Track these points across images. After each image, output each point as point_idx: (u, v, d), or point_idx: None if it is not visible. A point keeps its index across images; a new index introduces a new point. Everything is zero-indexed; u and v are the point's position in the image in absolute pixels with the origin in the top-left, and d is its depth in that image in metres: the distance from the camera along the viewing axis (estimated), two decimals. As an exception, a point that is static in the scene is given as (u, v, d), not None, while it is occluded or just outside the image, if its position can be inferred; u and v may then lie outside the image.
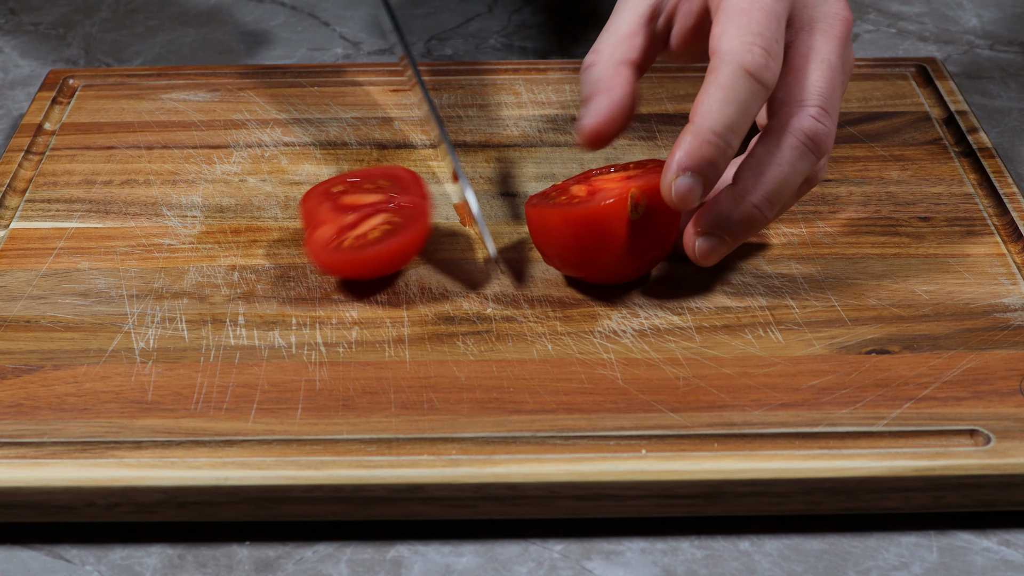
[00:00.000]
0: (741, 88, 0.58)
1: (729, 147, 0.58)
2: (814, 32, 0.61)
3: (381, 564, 0.54)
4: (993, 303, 0.63)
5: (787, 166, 0.60)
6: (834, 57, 0.61)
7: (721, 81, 0.58)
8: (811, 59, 0.61)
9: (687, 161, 0.58)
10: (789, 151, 0.59)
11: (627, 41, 0.64)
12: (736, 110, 0.58)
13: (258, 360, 0.60)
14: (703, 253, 0.61)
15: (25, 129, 0.76)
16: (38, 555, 0.54)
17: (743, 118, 0.58)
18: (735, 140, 0.58)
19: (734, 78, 0.58)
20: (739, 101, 0.58)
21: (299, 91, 0.80)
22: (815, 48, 0.61)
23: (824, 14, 0.62)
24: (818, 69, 0.60)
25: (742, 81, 0.58)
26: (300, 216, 0.68)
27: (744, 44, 0.58)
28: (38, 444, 0.55)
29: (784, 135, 0.60)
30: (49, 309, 0.63)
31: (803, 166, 0.60)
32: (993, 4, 0.97)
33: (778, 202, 0.60)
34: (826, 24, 0.62)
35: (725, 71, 0.58)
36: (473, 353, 0.60)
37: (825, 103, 0.60)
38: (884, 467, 0.54)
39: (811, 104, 0.60)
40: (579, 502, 0.54)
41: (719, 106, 0.58)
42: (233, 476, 0.53)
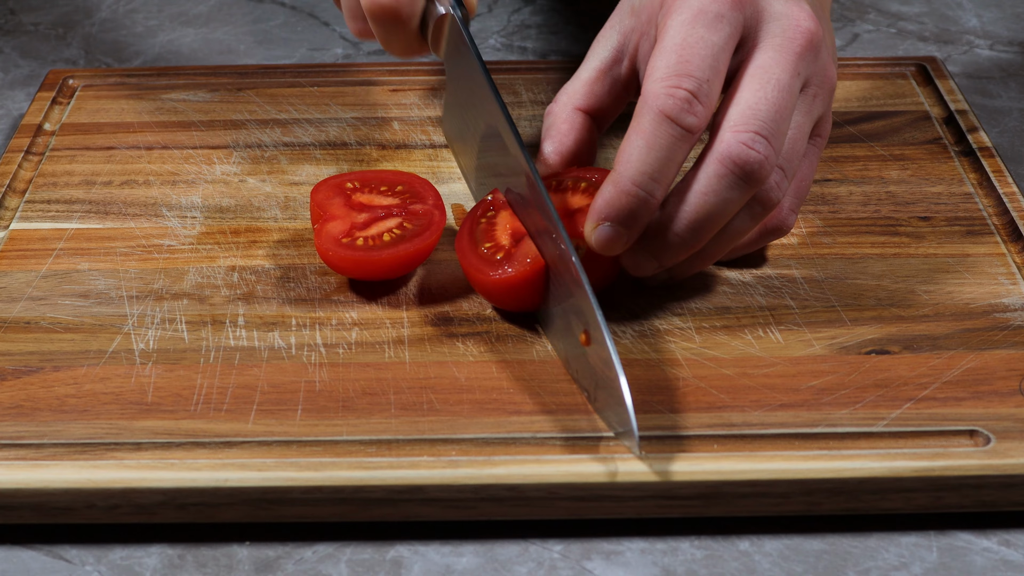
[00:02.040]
0: (662, 135, 0.56)
1: (651, 196, 0.56)
2: (764, 48, 0.58)
3: (381, 564, 0.54)
4: (993, 303, 0.63)
5: (712, 195, 0.57)
6: (784, 75, 0.57)
7: (641, 127, 0.56)
8: (752, 79, 0.58)
9: (606, 211, 0.57)
10: (715, 179, 0.57)
11: (584, 88, 0.64)
12: (657, 158, 0.56)
13: (258, 361, 0.60)
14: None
15: (25, 129, 0.76)
16: (38, 555, 0.54)
17: (665, 166, 0.56)
18: (658, 188, 0.56)
19: (654, 124, 0.56)
20: (660, 148, 0.56)
21: (299, 91, 0.80)
22: (761, 66, 0.58)
23: (780, 28, 0.59)
24: (758, 89, 0.57)
25: (663, 127, 0.56)
26: (310, 206, 0.68)
27: (666, 87, 0.56)
28: (38, 446, 0.55)
29: (709, 162, 0.57)
30: (49, 310, 0.63)
31: (732, 195, 0.57)
32: (993, 4, 0.97)
33: (704, 231, 0.58)
34: (780, 39, 0.58)
35: (645, 117, 0.56)
36: (473, 354, 0.60)
37: (761, 126, 0.56)
38: (884, 467, 0.54)
39: (740, 129, 0.56)
40: (579, 503, 0.54)
41: (639, 155, 0.56)
42: (233, 477, 0.54)
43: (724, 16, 0.57)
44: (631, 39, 0.62)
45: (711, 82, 0.57)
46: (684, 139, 0.56)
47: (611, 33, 0.63)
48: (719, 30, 0.57)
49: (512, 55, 0.90)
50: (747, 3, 0.58)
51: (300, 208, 0.70)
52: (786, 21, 0.59)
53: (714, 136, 0.57)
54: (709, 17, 0.57)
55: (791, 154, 0.59)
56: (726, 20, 0.57)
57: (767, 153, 0.56)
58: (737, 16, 0.58)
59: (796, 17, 0.59)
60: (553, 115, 0.64)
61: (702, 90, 0.56)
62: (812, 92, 0.59)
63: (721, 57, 0.57)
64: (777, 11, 0.59)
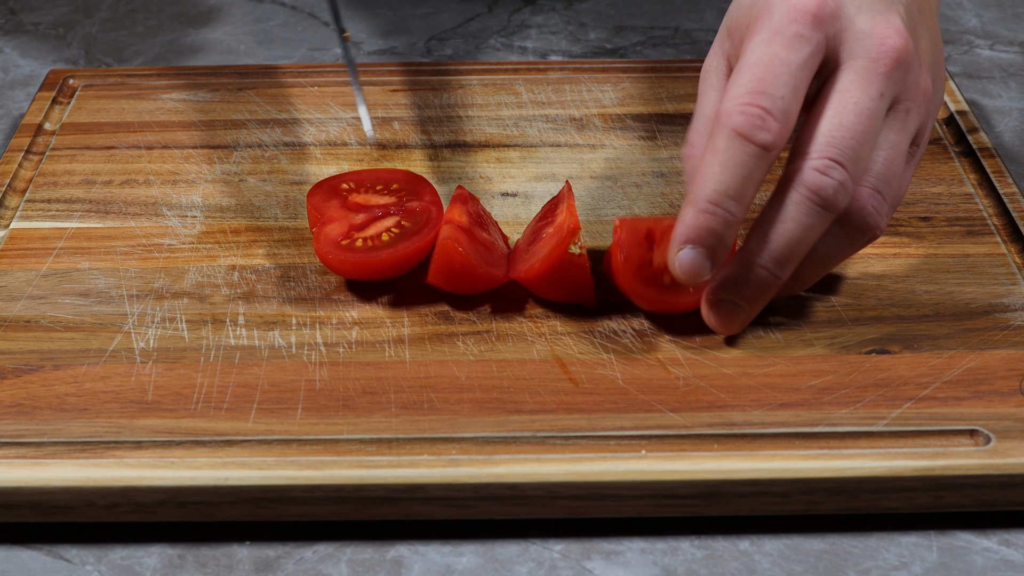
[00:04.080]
0: (735, 152, 0.55)
1: (731, 215, 0.55)
2: (846, 70, 0.57)
3: (381, 564, 0.54)
4: (993, 303, 0.63)
5: (792, 223, 0.56)
6: (864, 98, 0.56)
7: (715, 146, 0.55)
8: (832, 103, 0.56)
9: (687, 233, 0.56)
10: (793, 208, 0.56)
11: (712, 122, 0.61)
12: (732, 176, 0.55)
13: (258, 360, 0.60)
14: (719, 322, 0.59)
15: (25, 129, 0.76)
16: (38, 555, 0.54)
17: (742, 184, 0.55)
18: (737, 207, 0.55)
19: (727, 142, 0.55)
20: (734, 166, 0.55)
21: (299, 91, 0.80)
22: (841, 90, 0.56)
23: (863, 49, 0.57)
24: (835, 115, 0.56)
25: (735, 145, 0.55)
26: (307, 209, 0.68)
27: (738, 105, 0.55)
28: (38, 444, 0.55)
29: (787, 190, 0.56)
30: (49, 309, 0.63)
31: (810, 222, 0.56)
32: (993, 4, 0.97)
33: (789, 262, 0.57)
34: (864, 60, 0.56)
35: (719, 135, 0.55)
36: (473, 353, 0.60)
37: (837, 153, 0.55)
38: (884, 467, 0.54)
39: (816, 156, 0.55)
40: (579, 502, 0.54)
41: (713, 173, 0.55)
42: (233, 476, 0.53)
43: (803, 35, 0.56)
44: (735, 62, 0.60)
45: (787, 99, 0.55)
46: (759, 157, 0.55)
47: (718, 60, 0.62)
48: (798, 49, 0.56)
49: (512, 55, 0.90)
50: (828, 21, 0.56)
51: (300, 207, 0.70)
52: (870, 40, 0.57)
53: (790, 162, 0.56)
54: (787, 36, 0.56)
55: (887, 175, 0.57)
56: (805, 39, 0.56)
57: (842, 179, 0.55)
58: (818, 35, 0.56)
59: (881, 35, 0.57)
60: (695, 158, 0.61)
61: (776, 107, 0.55)
62: (904, 108, 0.57)
63: (799, 76, 0.56)
64: (862, 29, 0.57)
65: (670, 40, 0.91)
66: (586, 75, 0.82)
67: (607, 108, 0.79)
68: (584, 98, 0.80)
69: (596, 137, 0.76)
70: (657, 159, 0.74)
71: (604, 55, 0.91)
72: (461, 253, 0.61)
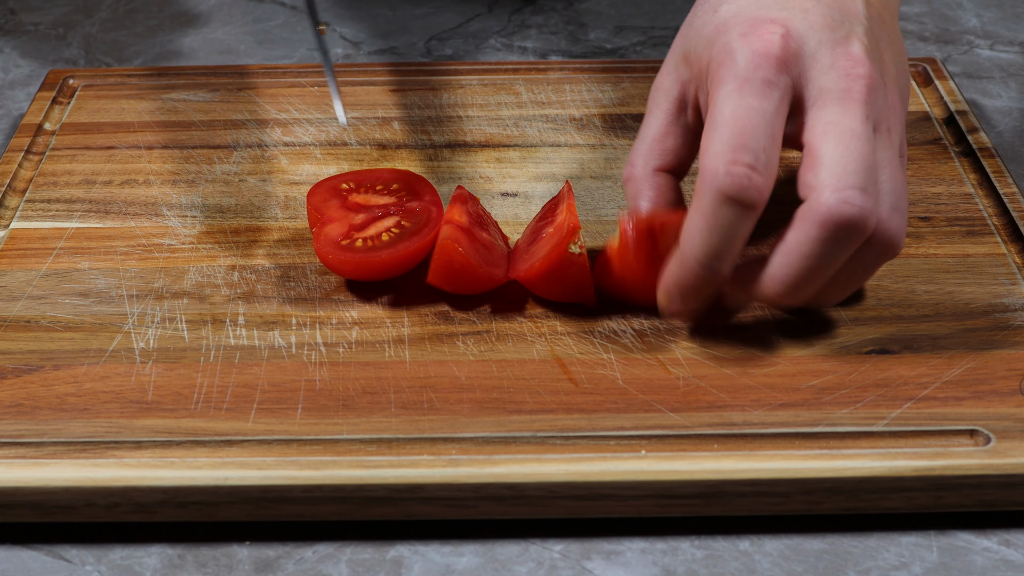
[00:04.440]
0: (722, 215, 0.55)
1: (715, 272, 0.56)
2: (825, 105, 0.56)
3: (381, 564, 0.54)
4: (993, 303, 0.63)
5: (816, 258, 0.55)
6: (856, 124, 0.56)
7: (702, 208, 0.55)
8: (829, 136, 0.56)
9: (673, 288, 0.58)
10: (819, 243, 0.55)
11: (656, 145, 0.62)
12: (719, 237, 0.55)
13: (258, 360, 0.60)
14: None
15: (25, 129, 0.76)
16: (38, 555, 0.54)
17: (728, 244, 0.55)
18: (723, 264, 0.56)
19: (714, 205, 0.55)
20: (721, 228, 0.55)
21: (299, 91, 0.80)
22: (831, 123, 0.56)
23: (833, 82, 0.56)
24: (838, 145, 0.55)
25: (723, 208, 0.55)
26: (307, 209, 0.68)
27: (722, 164, 0.54)
28: (38, 444, 0.55)
29: (810, 225, 0.55)
30: (49, 309, 0.63)
31: (836, 253, 0.56)
32: (993, 4, 0.97)
33: (810, 288, 0.57)
34: (839, 93, 0.56)
35: (705, 197, 0.55)
36: (473, 353, 0.60)
37: (856, 181, 0.55)
38: (884, 467, 0.54)
39: (836, 188, 0.54)
40: (579, 502, 0.54)
41: (701, 235, 0.55)
42: (233, 476, 0.54)
43: (771, 81, 0.56)
44: (689, 88, 0.61)
45: (768, 150, 0.55)
46: (746, 215, 0.55)
47: (669, 82, 0.62)
48: (768, 96, 0.56)
49: (512, 55, 0.90)
50: (792, 62, 0.56)
51: (300, 208, 0.70)
52: (838, 72, 0.57)
53: (810, 197, 0.55)
54: (756, 84, 0.56)
55: (897, 190, 0.57)
56: (774, 84, 0.56)
57: (867, 205, 0.55)
58: (784, 79, 0.56)
59: (846, 66, 0.57)
60: (635, 181, 0.62)
61: (759, 160, 0.55)
62: (885, 127, 0.57)
63: (775, 124, 0.56)
64: (826, 64, 0.57)
65: (670, 40, 0.91)
66: (586, 75, 0.82)
67: (607, 108, 0.79)
68: (584, 98, 0.80)
69: (596, 137, 0.76)
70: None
71: (604, 55, 0.91)
72: (461, 253, 0.61)
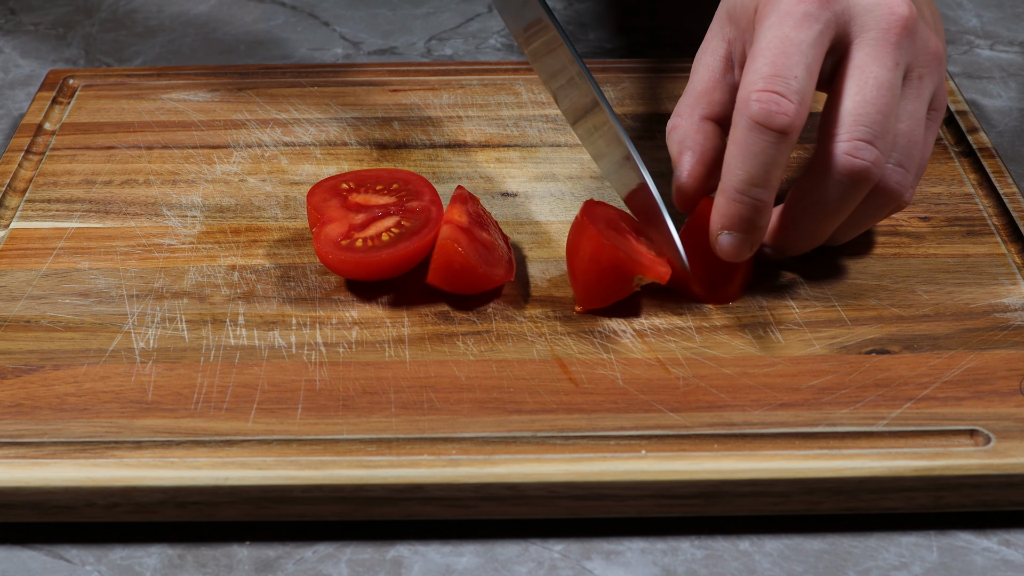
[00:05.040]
0: (754, 142, 0.56)
1: (759, 201, 0.57)
2: (861, 45, 0.58)
3: (381, 564, 0.54)
4: (993, 303, 0.63)
5: (826, 203, 0.58)
6: (882, 71, 0.57)
7: (735, 137, 0.57)
8: (852, 80, 0.57)
9: (721, 222, 0.59)
10: (827, 189, 0.58)
11: (704, 98, 0.63)
12: (754, 164, 0.56)
13: (258, 360, 0.60)
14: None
15: (25, 129, 0.76)
16: (38, 555, 0.54)
17: (766, 171, 0.57)
18: (764, 192, 0.57)
19: (746, 132, 0.56)
20: (755, 155, 0.56)
21: (299, 91, 0.80)
22: (858, 66, 0.58)
23: (872, 21, 0.58)
24: (858, 92, 0.57)
25: (755, 135, 0.56)
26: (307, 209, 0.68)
27: (753, 92, 0.56)
28: (38, 444, 0.55)
29: (819, 171, 0.58)
30: (49, 309, 0.63)
31: (845, 199, 0.58)
32: (993, 4, 0.97)
33: (823, 233, 0.60)
34: (875, 33, 0.58)
35: (738, 125, 0.57)
36: (473, 353, 0.60)
37: (864, 132, 0.57)
38: (884, 467, 0.54)
39: (845, 137, 0.57)
40: (579, 502, 0.54)
41: (736, 163, 0.57)
42: (233, 476, 0.54)
43: (811, 14, 0.57)
44: (736, 47, 0.62)
45: (800, 79, 0.56)
46: (779, 142, 0.56)
47: (716, 42, 0.63)
48: (807, 28, 0.57)
49: (512, 55, 0.90)
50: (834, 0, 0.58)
51: (300, 208, 0.70)
52: (878, 12, 0.58)
53: (821, 143, 0.58)
54: (796, 17, 0.57)
55: (910, 147, 0.59)
56: (813, 18, 0.57)
57: (873, 158, 0.57)
58: (826, 14, 0.57)
59: (887, 5, 0.58)
60: (680, 129, 0.63)
61: (791, 88, 0.56)
62: (918, 74, 0.59)
63: (811, 54, 0.57)
64: (867, 2, 0.58)
65: (670, 40, 0.91)
66: (586, 75, 0.82)
67: (607, 108, 0.79)
68: (584, 98, 0.80)
69: (596, 137, 0.76)
70: (657, 159, 0.74)
71: (604, 55, 0.91)
72: (461, 253, 0.61)
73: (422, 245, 0.62)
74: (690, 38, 0.92)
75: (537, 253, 0.67)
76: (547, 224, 0.69)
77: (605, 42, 0.92)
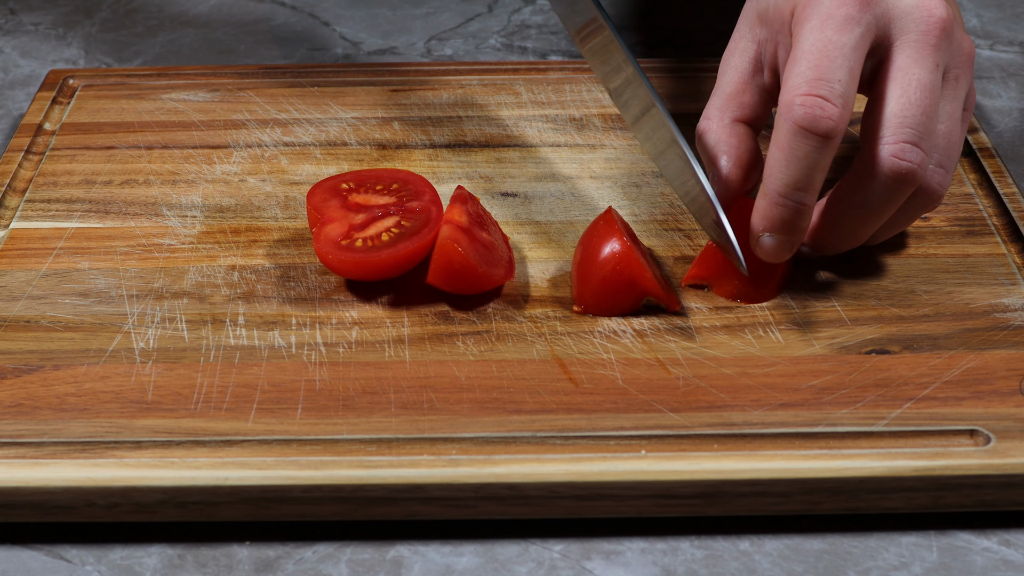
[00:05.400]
0: (798, 146, 0.56)
1: (801, 204, 0.58)
2: (902, 47, 0.58)
3: (381, 564, 0.54)
4: (993, 303, 0.63)
5: (870, 206, 0.59)
6: (924, 73, 0.57)
7: (779, 140, 0.57)
8: (895, 83, 0.58)
9: (763, 224, 0.59)
10: (871, 192, 0.58)
11: (735, 100, 0.63)
12: (798, 168, 0.57)
13: (258, 360, 0.60)
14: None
15: (25, 129, 0.76)
16: (38, 555, 0.54)
17: (808, 174, 0.57)
18: (806, 196, 0.57)
19: (790, 136, 0.56)
20: (799, 159, 0.56)
21: (299, 91, 0.80)
22: (901, 68, 0.58)
23: (912, 23, 0.58)
24: (902, 95, 0.57)
25: (798, 139, 0.56)
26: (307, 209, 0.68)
27: (797, 96, 0.56)
28: (38, 444, 0.55)
29: (864, 174, 0.58)
30: (49, 309, 0.63)
31: (889, 202, 0.59)
32: (993, 4, 0.97)
33: (864, 234, 0.60)
34: (915, 35, 0.58)
35: (782, 129, 0.57)
36: (473, 353, 0.60)
37: (910, 134, 0.57)
38: (884, 467, 0.54)
39: (890, 140, 0.57)
40: (579, 502, 0.54)
41: (779, 167, 0.57)
42: (233, 476, 0.54)
43: (853, 18, 0.57)
44: (767, 48, 0.62)
45: (844, 83, 0.56)
46: (823, 146, 0.56)
47: (745, 43, 0.63)
48: (849, 31, 0.57)
49: (512, 55, 0.90)
50: (875, 2, 0.58)
51: (300, 208, 0.70)
52: (917, 14, 0.58)
53: (865, 145, 0.58)
54: (838, 20, 0.57)
55: (949, 148, 0.59)
56: (855, 21, 0.57)
57: (919, 160, 0.57)
58: (867, 17, 0.57)
59: (926, 7, 0.58)
60: (712, 132, 0.63)
61: (834, 92, 0.56)
62: (954, 75, 0.59)
63: (853, 57, 0.57)
64: (907, 4, 0.58)
65: (670, 40, 0.91)
66: (586, 75, 0.82)
67: (607, 108, 0.79)
68: (584, 98, 0.80)
69: (596, 137, 0.76)
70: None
71: (604, 55, 0.91)
72: (461, 253, 0.61)
73: (422, 245, 0.62)
74: (689, 38, 0.92)
75: (537, 253, 0.67)
76: (547, 224, 0.69)
77: (605, 42, 0.92)
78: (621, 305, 0.62)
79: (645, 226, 0.69)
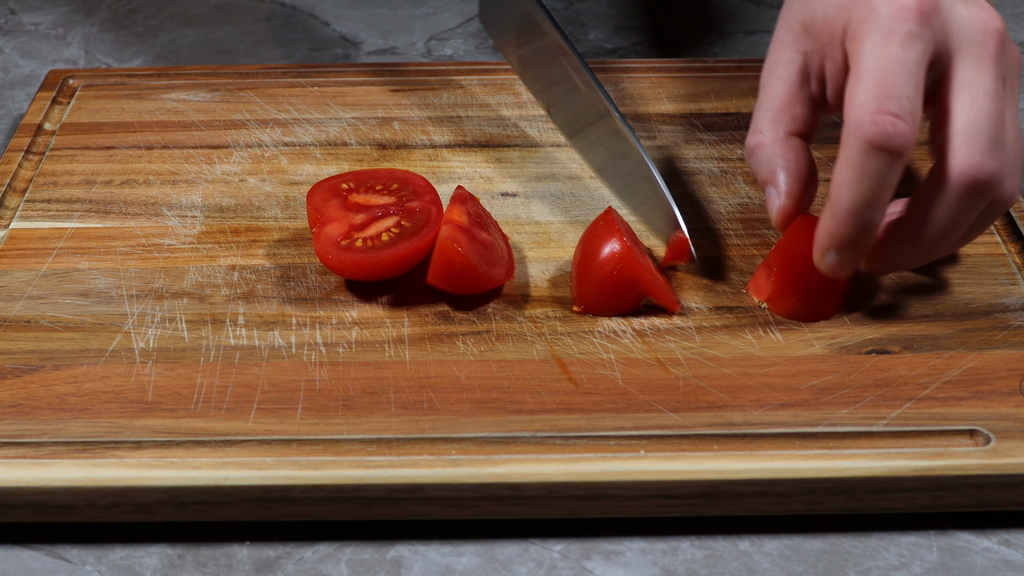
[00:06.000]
0: (869, 164, 0.56)
1: (868, 222, 0.57)
2: (963, 60, 0.58)
3: (381, 564, 0.54)
4: (993, 303, 0.63)
5: (953, 217, 0.58)
6: (989, 83, 0.57)
7: (849, 158, 0.56)
8: (963, 95, 0.58)
9: (828, 242, 0.58)
10: (953, 203, 0.57)
11: (786, 113, 0.62)
12: (868, 186, 0.56)
13: (258, 360, 0.60)
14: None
15: (25, 129, 0.76)
16: (38, 555, 0.54)
17: (878, 192, 0.56)
18: (875, 213, 0.57)
19: (861, 154, 0.56)
20: (870, 177, 0.56)
21: (299, 91, 0.80)
22: (967, 79, 0.58)
23: (970, 36, 0.58)
24: (971, 106, 0.57)
25: (870, 157, 0.56)
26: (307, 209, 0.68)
27: (867, 114, 0.56)
28: (38, 444, 0.55)
29: (945, 186, 0.57)
30: (49, 309, 0.63)
31: (970, 211, 0.58)
32: (994, 4, 0.96)
33: (946, 246, 0.60)
34: (976, 47, 0.58)
35: (852, 147, 0.56)
36: (473, 353, 0.60)
37: (987, 143, 0.57)
38: (884, 467, 0.54)
39: (966, 151, 0.57)
40: (579, 502, 0.54)
41: (850, 185, 0.56)
42: (233, 476, 0.54)
43: (915, 33, 0.57)
44: (813, 60, 0.61)
45: (912, 99, 0.56)
46: (894, 163, 0.56)
47: (790, 54, 0.62)
48: (912, 47, 0.57)
49: (512, 55, 0.90)
50: (934, 16, 0.57)
51: (300, 208, 0.70)
52: (974, 26, 0.58)
53: (939, 159, 0.57)
54: (900, 36, 0.57)
55: (1017, 154, 0.59)
56: (917, 36, 0.57)
57: (996, 168, 0.57)
58: (927, 31, 0.57)
59: (982, 19, 0.58)
60: (767, 147, 0.62)
61: (904, 108, 0.56)
62: (1010, 83, 0.59)
63: (918, 73, 0.57)
64: (963, 17, 0.58)
65: (670, 40, 0.91)
66: (586, 75, 0.82)
67: (607, 108, 0.79)
68: (584, 98, 0.80)
69: (596, 137, 0.76)
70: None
71: (604, 55, 0.91)
72: (461, 253, 0.61)
73: (422, 245, 0.62)
74: (689, 38, 0.92)
75: (537, 253, 0.67)
76: (547, 224, 0.69)
77: (605, 42, 0.92)
78: (621, 305, 0.62)
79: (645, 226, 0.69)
